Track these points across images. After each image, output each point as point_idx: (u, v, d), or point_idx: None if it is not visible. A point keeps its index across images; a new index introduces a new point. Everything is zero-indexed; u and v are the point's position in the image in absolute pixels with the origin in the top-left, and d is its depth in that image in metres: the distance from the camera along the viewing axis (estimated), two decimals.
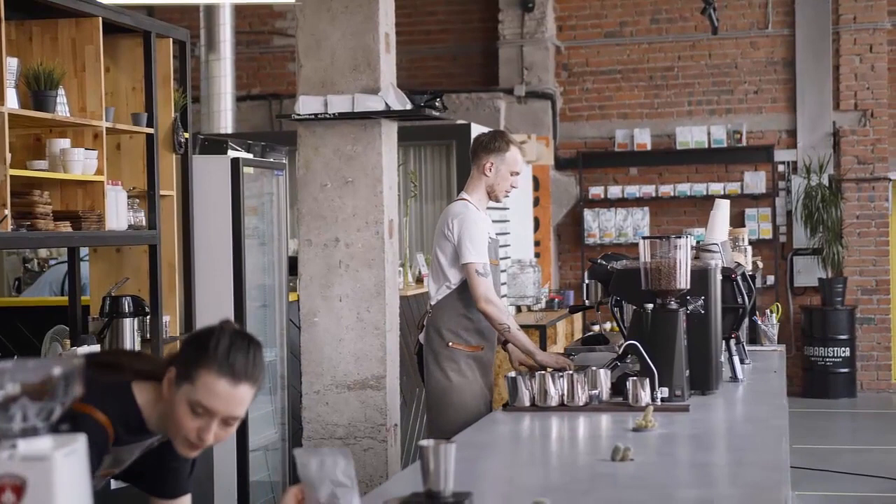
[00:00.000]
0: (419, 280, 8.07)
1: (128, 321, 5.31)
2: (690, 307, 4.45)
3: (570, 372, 4.28)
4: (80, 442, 1.78)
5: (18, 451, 1.72)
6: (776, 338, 6.35)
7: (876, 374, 12.40)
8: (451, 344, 5.10)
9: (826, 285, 12.11)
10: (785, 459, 3.32)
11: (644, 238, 4.43)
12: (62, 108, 4.82)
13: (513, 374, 4.32)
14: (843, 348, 12.04)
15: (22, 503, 1.69)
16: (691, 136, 12.53)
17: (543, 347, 9.19)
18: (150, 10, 12.61)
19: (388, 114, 5.69)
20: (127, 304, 5.32)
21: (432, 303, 5.20)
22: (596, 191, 12.70)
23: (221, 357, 2.55)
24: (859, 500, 7.83)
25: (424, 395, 5.37)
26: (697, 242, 5.33)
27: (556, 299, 10.98)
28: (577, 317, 11.20)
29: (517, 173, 5.22)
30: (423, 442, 2.72)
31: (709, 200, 12.28)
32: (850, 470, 8.63)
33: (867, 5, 12.31)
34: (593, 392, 4.23)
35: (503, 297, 9.82)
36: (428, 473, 2.71)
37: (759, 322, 6.31)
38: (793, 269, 12.48)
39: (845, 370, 12.07)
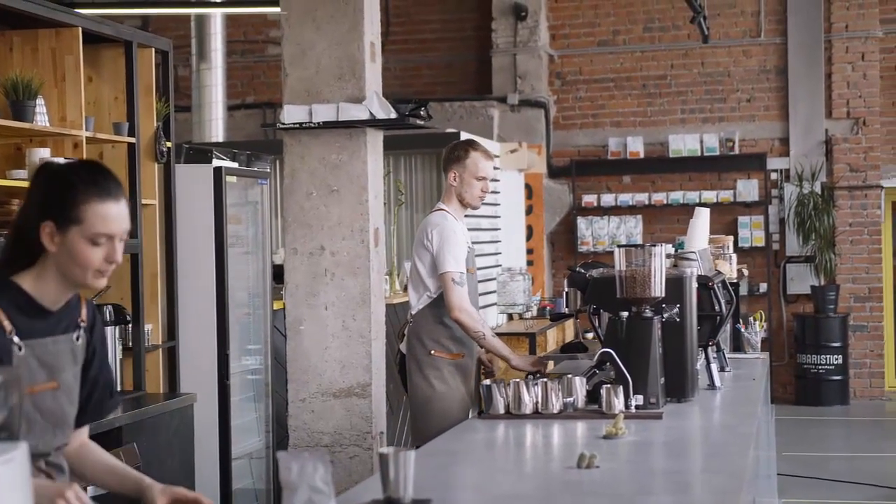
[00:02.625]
0: (406, 288, 8.08)
1: (109, 330, 5.32)
2: (665, 315, 4.46)
3: (545, 380, 4.30)
4: (19, 450, 1.80)
5: None
6: (759, 346, 6.35)
7: (869, 382, 12.41)
8: (433, 352, 5.17)
9: (819, 293, 12.12)
10: (749, 466, 3.33)
11: (619, 246, 4.44)
12: (41, 118, 4.85)
13: (488, 381, 4.34)
14: (835, 356, 12.04)
15: None
16: (684, 144, 12.54)
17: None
18: (144, 20, 12.67)
19: (373, 123, 5.71)
20: (108, 313, 5.34)
21: (413, 312, 5.29)
22: (589, 199, 12.72)
23: (94, 186, 2.63)
24: None
25: (408, 404, 5.42)
26: (676, 250, 5.35)
27: (549, 307, 11.00)
28: (569, 324, 11.21)
29: (483, 178, 5.30)
30: (383, 449, 2.74)
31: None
32: (840, 477, 8.63)
33: (859, 14, 12.33)
34: (568, 399, 4.24)
35: (491, 305, 9.86)
36: (387, 480, 2.73)
37: (742, 330, 6.32)
38: (786, 276, 12.49)
39: (838, 378, 12.07)
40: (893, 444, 10.60)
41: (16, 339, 2.62)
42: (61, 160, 2.74)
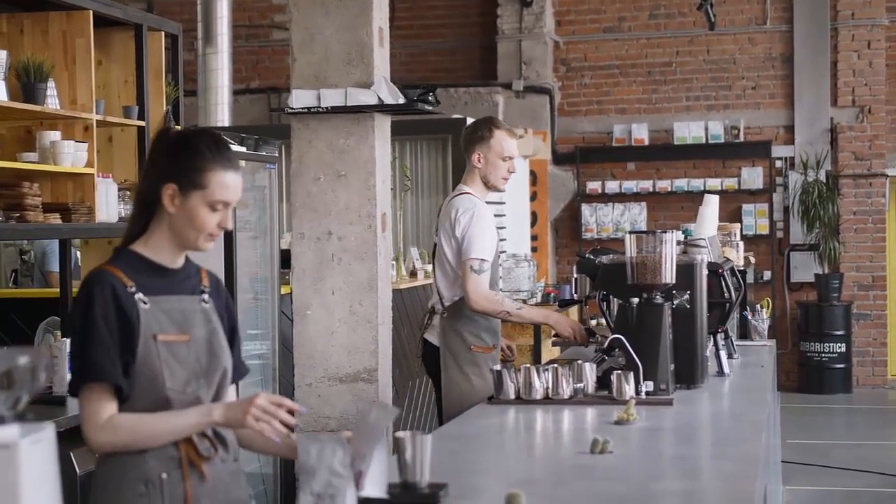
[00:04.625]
0: (413, 273, 8.10)
1: None
2: (676, 302, 4.46)
3: (555, 365, 4.30)
4: (47, 431, 1.80)
5: None
6: (766, 333, 6.36)
7: (871, 370, 12.42)
8: (473, 348, 5.03)
9: (822, 281, 12.13)
10: (762, 453, 3.34)
11: (630, 233, 4.44)
12: (52, 101, 4.85)
13: (498, 366, 4.34)
14: (838, 344, 12.06)
15: None
16: (689, 131, 12.54)
17: (538, 342, 9.19)
18: (149, 4, 12.65)
19: (381, 108, 5.70)
20: None
21: (446, 303, 5.09)
22: (593, 186, 12.72)
23: (219, 155, 2.78)
24: (849, 495, 7.86)
25: (442, 397, 5.26)
26: (686, 237, 5.35)
27: (553, 294, 11.00)
28: (574, 311, 11.22)
29: (509, 158, 5.10)
30: (400, 433, 2.75)
31: None
32: (843, 465, 8.65)
33: (865, 1, 12.32)
34: (578, 385, 4.25)
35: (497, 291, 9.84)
36: (404, 464, 2.74)
37: (749, 317, 6.32)
38: (789, 264, 12.50)
39: (841, 366, 12.09)
40: (893, 431, 10.63)
41: (139, 294, 2.75)
42: (177, 128, 2.88)
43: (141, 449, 2.75)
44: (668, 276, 4.38)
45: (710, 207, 5.54)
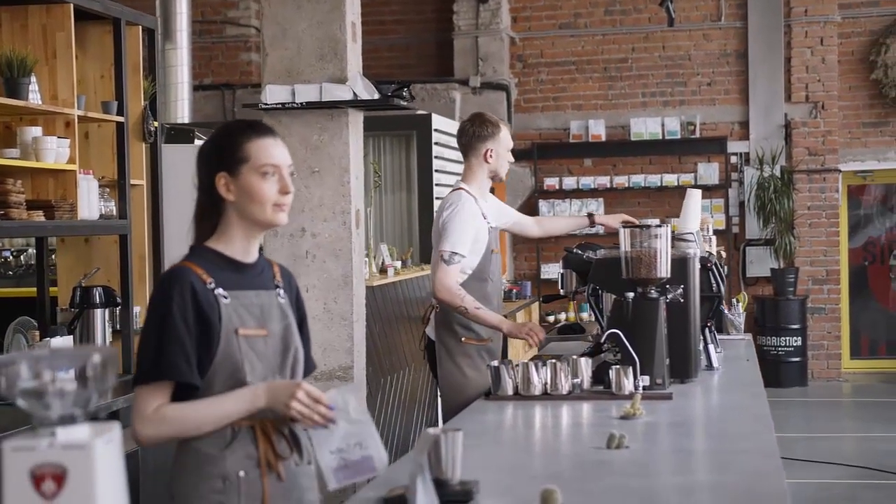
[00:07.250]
0: (383, 270, 8.06)
1: (99, 312, 5.24)
2: (670, 296, 4.46)
3: (553, 361, 4.29)
4: (116, 430, 1.75)
5: (58, 439, 1.69)
6: (742, 326, 6.40)
7: (826, 363, 12.56)
8: (463, 339, 5.07)
9: (778, 275, 12.24)
10: (776, 447, 3.34)
11: (625, 227, 4.43)
12: (34, 96, 4.75)
13: (496, 362, 4.32)
14: (794, 338, 12.18)
15: (63, 491, 1.66)
16: (645, 127, 12.59)
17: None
18: None
19: (355, 103, 5.68)
20: (98, 295, 5.25)
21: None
22: (551, 182, 12.74)
23: (249, 129, 2.83)
24: (816, 487, 7.93)
25: (439, 390, 5.30)
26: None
27: (514, 290, 11.02)
28: (535, 307, 11.24)
29: (510, 148, 5.28)
30: (432, 430, 2.71)
31: (662, 192, 12.40)
32: (801, 457, 8.74)
33: None
34: (575, 381, 4.24)
35: None
36: (436, 461, 2.71)
37: (726, 311, 6.36)
38: (745, 259, 12.60)
39: (797, 359, 12.22)
40: (851, 423, 10.76)
41: (219, 290, 2.76)
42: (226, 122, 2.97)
43: (189, 437, 2.73)
44: (663, 270, 4.38)
45: (693, 201, 5.54)
